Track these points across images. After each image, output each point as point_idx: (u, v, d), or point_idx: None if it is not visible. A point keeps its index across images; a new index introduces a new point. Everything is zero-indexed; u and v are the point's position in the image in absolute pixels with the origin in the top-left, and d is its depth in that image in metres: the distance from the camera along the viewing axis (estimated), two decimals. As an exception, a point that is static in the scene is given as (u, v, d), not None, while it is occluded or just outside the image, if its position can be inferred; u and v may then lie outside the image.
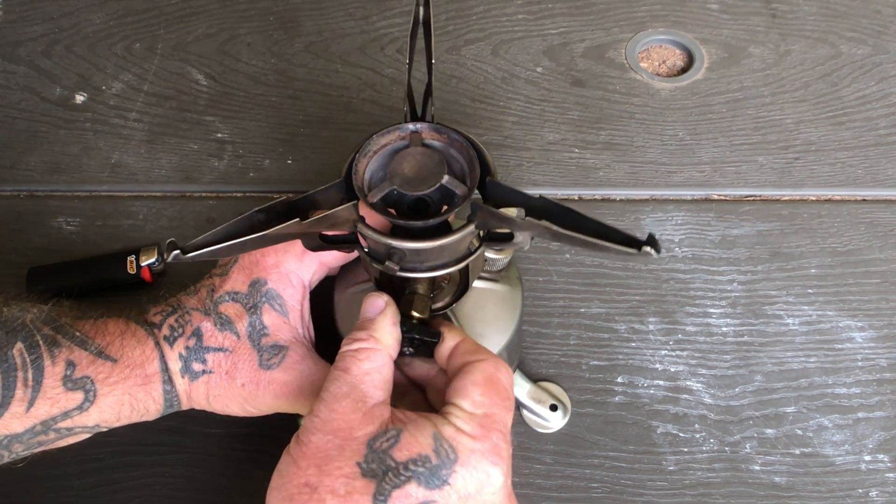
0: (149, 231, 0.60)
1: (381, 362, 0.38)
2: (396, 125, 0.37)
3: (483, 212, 0.35)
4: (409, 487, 0.33)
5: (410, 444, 0.34)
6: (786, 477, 0.49)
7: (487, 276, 0.44)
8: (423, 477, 0.34)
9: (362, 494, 0.33)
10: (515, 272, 0.47)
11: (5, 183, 0.63)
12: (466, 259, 0.38)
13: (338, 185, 0.36)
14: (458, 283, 0.43)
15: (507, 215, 0.34)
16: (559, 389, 0.52)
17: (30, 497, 0.49)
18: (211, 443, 0.50)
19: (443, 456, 0.34)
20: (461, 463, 0.34)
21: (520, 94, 0.67)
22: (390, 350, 0.39)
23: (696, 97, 0.67)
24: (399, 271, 0.36)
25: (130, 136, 0.66)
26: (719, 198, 0.61)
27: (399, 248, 0.35)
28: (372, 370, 0.37)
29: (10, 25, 0.73)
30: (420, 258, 0.36)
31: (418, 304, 0.39)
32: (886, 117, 0.65)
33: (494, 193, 0.36)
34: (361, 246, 0.38)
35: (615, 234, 0.32)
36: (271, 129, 0.66)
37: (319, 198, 0.36)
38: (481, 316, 0.44)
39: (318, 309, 0.47)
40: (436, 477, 0.34)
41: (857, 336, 0.54)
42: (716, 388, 0.52)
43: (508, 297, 0.45)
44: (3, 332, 0.40)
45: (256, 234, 0.34)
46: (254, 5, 0.74)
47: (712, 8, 0.73)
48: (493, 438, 0.35)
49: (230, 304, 0.44)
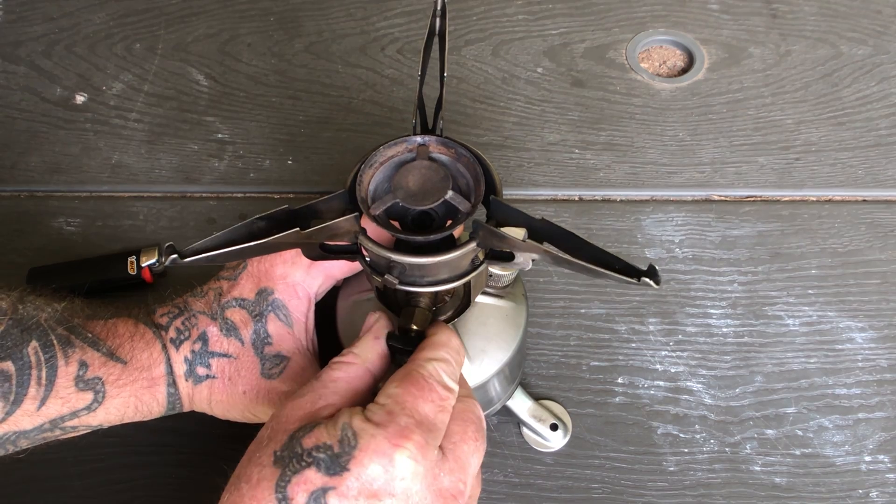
0: (149, 231, 0.60)
1: (353, 373, 0.38)
2: (404, 137, 0.37)
3: (485, 231, 0.35)
4: (308, 473, 0.33)
5: (320, 434, 0.34)
6: (786, 477, 0.49)
7: (492, 292, 0.44)
8: (324, 463, 0.33)
9: (269, 481, 0.33)
10: (521, 289, 0.46)
11: (5, 183, 0.63)
12: (468, 275, 0.38)
13: (341, 196, 0.36)
14: (461, 299, 0.43)
15: (509, 235, 0.34)
16: (560, 409, 0.51)
17: (30, 497, 0.49)
18: (211, 443, 0.50)
19: (345, 443, 0.34)
20: (361, 448, 0.33)
21: (520, 94, 0.67)
22: (368, 364, 0.39)
23: (697, 97, 0.67)
24: (399, 285, 0.36)
25: (131, 136, 0.66)
26: (720, 198, 0.61)
27: (399, 262, 0.35)
28: (339, 378, 0.38)
29: (10, 25, 0.73)
30: (421, 272, 0.36)
31: (418, 317, 0.39)
32: (887, 118, 0.65)
33: (498, 212, 0.36)
34: (363, 257, 0.38)
35: (615, 261, 0.32)
36: (272, 129, 0.66)
37: (322, 207, 0.36)
38: (483, 332, 0.43)
39: (322, 319, 0.47)
40: (336, 464, 0.33)
41: (858, 337, 0.54)
42: (716, 388, 0.52)
43: (512, 314, 0.45)
44: (18, 329, 0.41)
45: (255, 242, 0.34)
46: (254, 5, 0.74)
47: (712, 8, 0.73)
48: (398, 422, 0.34)
49: (237, 310, 0.45)
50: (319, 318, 0.47)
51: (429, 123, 0.38)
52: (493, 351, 0.43)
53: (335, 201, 0.36)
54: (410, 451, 0.34)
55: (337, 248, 0.38)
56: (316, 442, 0.34)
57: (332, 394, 0.37)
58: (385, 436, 0.34)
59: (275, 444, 0.35)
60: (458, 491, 0.35)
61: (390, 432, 0.34)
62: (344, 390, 0.37)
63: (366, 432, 0.34)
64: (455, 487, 0.35)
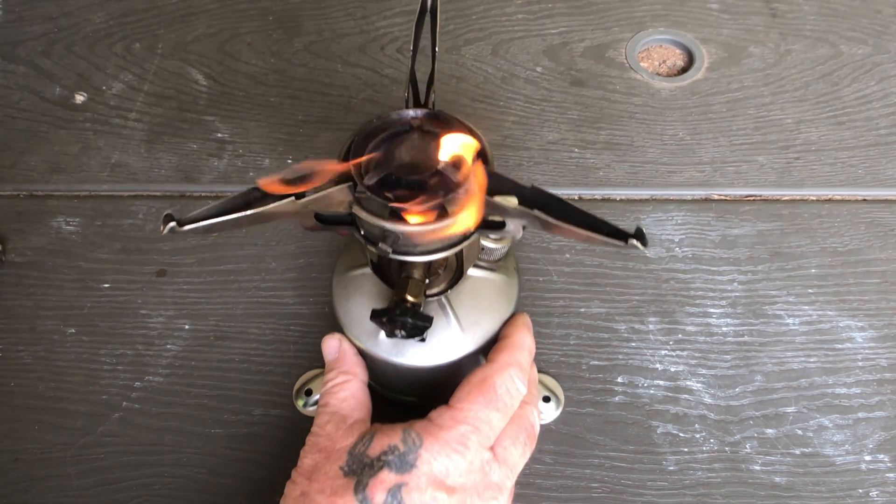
0: (148, 231, 0.60)
1: (355, 388, 0.43)
2: (397, 110, 0.39)
3: None
4: (383, 474, 0.37)
5: (382, 441, 0.39)
6: (786, 477, 0.49)
7: (485, 266, 0.45)
8: (394, 464, 0.38)
9: (346, 489, 0.37)
10: (513, 262, 0.47)
11: (5, 183, 0.63)
12: (460, 244, 0.39)
13: None
14: (454, 271, 0.44)
15: (499, 203, 0.35)
16: (553, 381, 0.52)
17: (30, 497, 0.49)
18: (211, 443, 0.50)
19: (409, 443, 0.38)
20: (425, 448, 0.38)
21: (520, 93, 0.67)
22: (360, 377, 0.44)
23: (697, 97, 0.67)
24: (393, 254, 0.37)
25: (130, 135, 0.65)
26: (719, 198, 0.61)
27: (393, 231, 0.36)
28: (347, 397, 0.43)
29: (10, 25, 0.73)
30: (414, 242, 0.37)
31: (413, 288, 0.40)
32: (887, 117, 0.65)
33: (489, 181, 0.37)
34: (357, 228, 0.39)
35: (604, 225, 0.33)
36: (271, 128, 0.66)
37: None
38: (476, 304, 0.44)
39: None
40: (405, 462, 0.38)
41: (858, 336, 0.54)
42: (716, 388, 0.52)
43: (504, 287, 0.46)
44: None
45: (252, 211, 0.35)
46: (254, 5, 0.74)
47: (712, 8, 0.73)
48: (459, 429, 0.39)
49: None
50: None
51: (421, 98, 0.40)
52: (485, 322, 0.44)
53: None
54: (467, 454, 0.38)
55: (332, 217, 0.40)
56: (382, 448, 0.38)
57: (351, 410, 0.42)
58: (446, 440, 0.38)
59: (336, 462, 0.39)
60: (505, 486, 0.40)
61: (452, 436, 0.38)
62: (356, 404, 0.43)
63: (430, 434, 0.38)
64: (502, 482, 0.40)
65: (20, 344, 0.55)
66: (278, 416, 0.51)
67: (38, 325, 0.55)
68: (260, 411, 0.51)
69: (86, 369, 0.53)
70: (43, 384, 0.53)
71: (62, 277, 0.58)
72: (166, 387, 0.52)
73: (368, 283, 0.44)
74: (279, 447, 0.50)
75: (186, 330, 0.55)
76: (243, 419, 0.51)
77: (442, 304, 0.43)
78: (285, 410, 0.51)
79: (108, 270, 0.58)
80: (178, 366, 0.53)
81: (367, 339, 0.43)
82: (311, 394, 0.51)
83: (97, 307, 0.56)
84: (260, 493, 0.48)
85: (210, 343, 0.54)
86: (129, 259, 0.58)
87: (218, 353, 0.54)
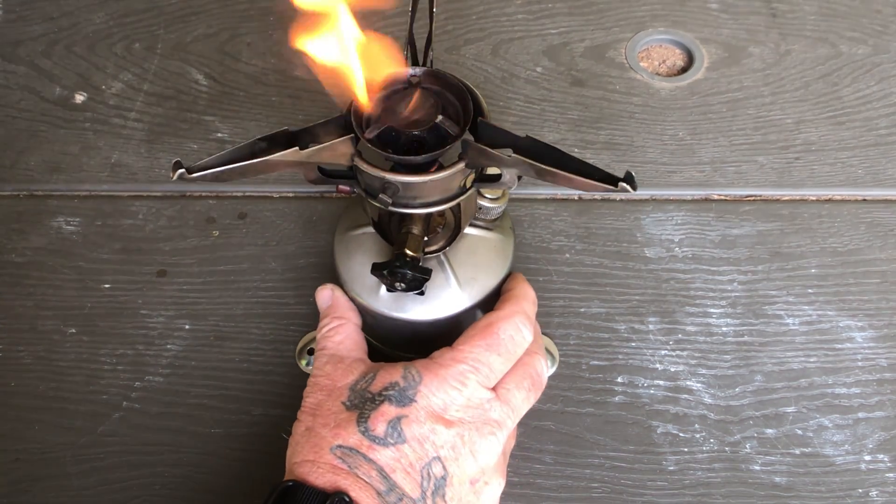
0: (148, 231, 0.60)
1: (349, 331, 0.45)
2: (397, 69, 0.40)
3: (473, 150, 0.37)
4: (384, 407, 0.39)
5: (384, 378, 0.40)
6: (786, 477, 0.49)
7: (481, 225, 0.46)
8: (394, 398, 0.39)
9: (349, 421, 0.39)
10: (509, 222, 0.48)
11: (5, 183, 0.63)
12: (458, 198, 0.40)
13: (337, 121, 0.39)
14: (452, 229, 0.45)
15: (495, 152, 0.37)
16: (548, 340, 0.53)
17: (30, 497, 0.49)
18: (211, 443, 0.50)
19: (409, 380, 0.40)
20: (424, 384, 0.40)
21: (520, 93, 0.67)
22: (353, 320, 0.45)
23: (696, 97, 0.67)
24: (392, 206, 0.38)
25: (130, 135, 0.65)
26: (719, 198, 0.61)
27: (393, 182, 0.37)
28: (343, 339, 0.44)
29: (10, 25, 0.73)
30: (413, 193, 0.39)
31: (412, 242, 0.41)
32: (887, 117, 0.65)
33: (485, 134, 0.38)
34: (358, 182, 0.40)
35: (595, 171, 0.35)
36: (271, 128, 0.65)
37: (319, 131, 0.39)
38: (473, 261, 0.46)
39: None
40: (404, 397, 0.39)
41: (858, 336, 0.54)
42: (716, 387, 0.52)
43: (500, 246, 0.47)
44: None
45: (258, 160, 0.36)
46: (254, 5, 0.74)
47: (712, 8, 0.73)
48: (458, 367, 0.40)
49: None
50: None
51: (419, 59, 0.41)
52: (482, 279, 0.45)
53: (332, 126, 0.39)
54: (465, 390, 0.40)
55: (334, 171, 0.41)
56: (383, 384, 0.40)
57: (348, 351, 0.44)
58: (445, 376, 0.40)
59: (339, 398, 0.40)
60: (504, 423, 0.41)
61: (450, 373, 0.40)
62: (352, 345, 0.44)
63: (430, 371, 0.40)
64: (502, 420, 0.41)
65: (20, 344, 0.55)
66: (278, 416, 0.51)
67: (38, 325, 0.55)
68: (260, 411, 0.51)
69: (86, 369, 0.53)
70: (43, 384, 0.53)
71: (62, 277, 0.58)
72: (166, 387, 0.52)
73: (369, 241, 0.46)
74: (279, 447, 0.50)
75: (186, 330, 0.55)
76: (243, 419, 0.51)
77: (440, 261, 0.45)
78: (285, 410, 0.51)
79: (108, 270, 0.58)
80: (178, 366, 0.53)
81: (368, 295, 0.45)
82: (312, 353, 0.52)
83: (97, 307, 0.56)
84: (260, 493, 0.48)
85: (210, 343, 0.54)
86: (129, 259, 0.58)
87: (218, 353, 0.54)
